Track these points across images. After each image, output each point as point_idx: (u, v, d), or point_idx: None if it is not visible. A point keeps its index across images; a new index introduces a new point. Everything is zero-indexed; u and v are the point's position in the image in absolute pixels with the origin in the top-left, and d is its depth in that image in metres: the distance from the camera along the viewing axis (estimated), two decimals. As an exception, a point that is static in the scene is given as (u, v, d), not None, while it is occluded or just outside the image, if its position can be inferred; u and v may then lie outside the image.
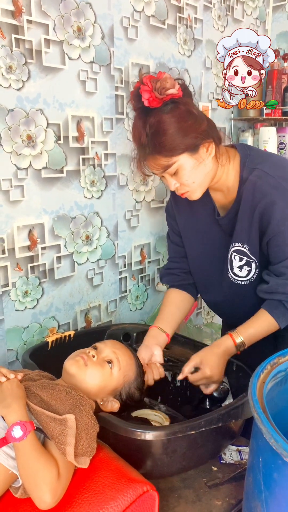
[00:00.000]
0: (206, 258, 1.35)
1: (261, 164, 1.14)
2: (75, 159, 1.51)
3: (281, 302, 1.16)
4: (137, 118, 1.09)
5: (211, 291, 1.40)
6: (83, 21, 1.45)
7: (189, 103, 1.08)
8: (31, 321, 1.48)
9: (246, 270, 1.23)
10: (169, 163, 1.09)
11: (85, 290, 1.65)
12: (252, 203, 1.14)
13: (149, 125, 1.06)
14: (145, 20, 1.68)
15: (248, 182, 1.14)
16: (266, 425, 0.71)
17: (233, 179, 1.18)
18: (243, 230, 1.19)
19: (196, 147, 1.09)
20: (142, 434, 0.92)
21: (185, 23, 1.86)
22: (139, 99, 1.06)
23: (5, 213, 1.34)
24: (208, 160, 1.12)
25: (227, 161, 1.17)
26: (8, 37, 1.26)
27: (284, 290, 1.15)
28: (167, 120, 1.05)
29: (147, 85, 1.04)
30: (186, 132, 1.06)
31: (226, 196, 1.23)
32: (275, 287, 1.16)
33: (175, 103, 1.06)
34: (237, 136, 2.29)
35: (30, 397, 0.92)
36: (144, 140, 1.08)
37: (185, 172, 1.11)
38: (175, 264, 1.44)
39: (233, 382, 1.23)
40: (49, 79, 1.39)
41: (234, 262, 1.24)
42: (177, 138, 1.06)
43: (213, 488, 1.04)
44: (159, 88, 1.03)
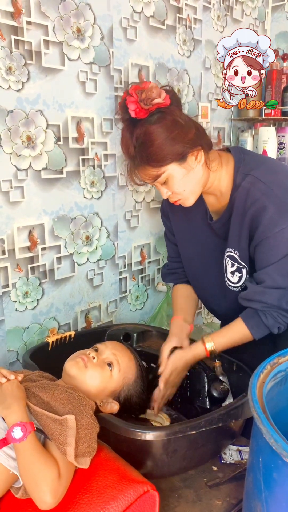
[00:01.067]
0: (200, 261, 1.35)
1: (255, 170, 1.13)
2: (75, 160, 1.51)
3: (256, 311, 1.15)
4: (125, 129, 1.10)
5: (207, 294, 1.41)
6: (82, 22, 1.45)
7: (175, 112, 1.08)
8: (32, 321, 1.48)
9: (237, 276, 1.23)
10: (158, 173, 1.10)
11: (85, 291, 1.65)
12: (243, 209, 1.13)
13: (136, 136, 1.06)
14: (144, 21, 1.68)
15: (241, 188, 1.13)
16: (266, 425, 0.71)
17: (226, 184, 1.18)
18: (235, 236, 1.18)
19: (184, 156, 1.09)
20: (143, 435, 0.92)
21: (185, 24, 1.86)
22: (126, 110, 1.06)
23: (5, 214, 1.34)
24: (197, 167, 1.12)
25: (219, 166, 1.17)
26: (7, 38, 1.27)
27: (261, 298, 1.13)
28: (153, 131, 1.05)
29: (133, 95, 1.04)
30: (173, 142, 1.06)
31: (219, 200, 1.22)
32: (252, 295, 1.15)
33: (161, 112, 1.06)
34: (236, 136, 2.29)
35: (30, 398, 0.92)
36: (132, 151, 1.08)
37: (175, 181, 1.11)
38: (177, 264, 1.46)
39: (233, 382, 1.23)
40: (49, 80, 1.39)
41: (227, 267, 1.24)
42: (164, 149, 1.06)
43: (213, 488, 1.04)
44: (144, 99, 1.04)
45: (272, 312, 1.13)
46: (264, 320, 1.14)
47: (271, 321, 1.14)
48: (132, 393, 1.11)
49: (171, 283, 1.50)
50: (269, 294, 1.11)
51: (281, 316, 1.13)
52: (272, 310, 1.13)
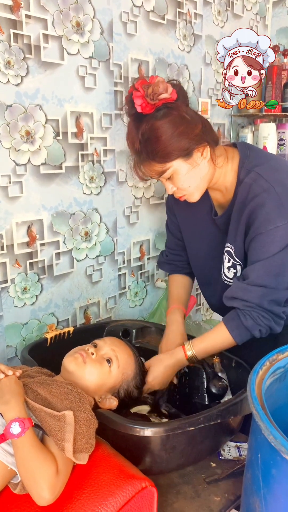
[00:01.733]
0: (204, 256, 1.35)
1: (259, 166, 1.13)
2: (74, 155, 1.50)
3: (237, 313, 1.13)
4: (131, 124, 1.09)
5: (209, 289, 1.41)
6: (82, 16, 1.44)
7: (181, 107, 1.07)
8: (30, 317, 1.47)
9: (233, 272, 1.22)
10: (164, 169, 1.09)
11: (84, 287, 1.64)
12: (243, 204, 1.13)
13: (142, 132, 1.05)
14: (144, 15, 1.67)
15: (244, 184, 1.13)
16: (265, 421, 0.71)
17: (231, 180, 1.17)
18: (232, 231, 1.18)
19: (190, 152, 1.08)
20: (141, 431, 0.92)
21: (185, 18, 1.85)
22: (132, 104, 1.05)
23: (4, 209, 1.34)
24: (203, 163, 1.11)
25: (225, 162, 1.16)
26: (6, 32, 1.26)
27: (243, 295, 1.11)
28: (159, 126, 1.04)
29: (139, 90, 1.03)
30: (179, 138, 1.05)
31: (224, 195, 1.22)
32: (235, 291, 1.13)
33: (167, 108, 1.05)
34: (236, 132, 2.29)
35: (28, 393, 0.92)
36: (138, 146, 1.08)
37: (180, 177, 1.11)
38: (176, 257, 1.47)
39: (232, 378, 1.23)
40: (48, 74, 1.38)
41: (224, 262, 1.24)
42: (170, 144, 1.05)
43: (212, 484, 1.04)
44: (151, 94, 1.03)
45: (252, 312, 1.10)
46: (243, 322, 1.11)
47: (251, 322, 1.11)
48: (131, 389, 1.11)
49: (167, 272, 1.53)
50: (251, 291, 1.09)
51: (261, 317, 1.11)
52: (252, 309, 1.10)
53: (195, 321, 2.09)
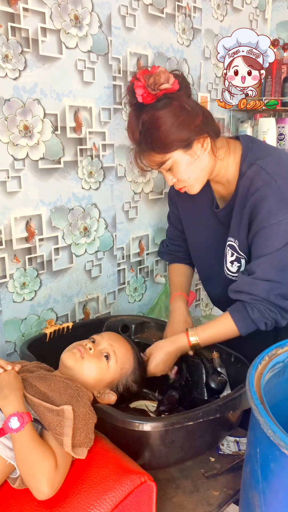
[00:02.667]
0: (205, 249, 1.35)
1: (261, 159, 1.12)
2: (73, 149, 1.50)
3: (244, 305, 1.13)
4: (131, 114, 1.09)
5: (210, 282, 1.41)
6: (80, 9, 1.43)
7: (182, 97, 1.06)
8: (29, 312, 1.47)
9: (236, 266, 1.22)
10: (163, 160, 1.08)
11: (83, 282, 1.64)
12: (245, 198, 1.12)
13: (142, 122, 1.05)
14: (143, 9, 1.66)
15: (246, 177, 1.12)
16: (264, 415, 0.71)
17: (233, 172, 1.17)
18: (235, 225, 1.17)
19: (190, 143, 1.07)
20: (140, 425, 0.92)
21: (184, 12, 1.84)
22: (133, 94, 1.05)
23: (2, 204, 1.33)
24: (203, 155, 1.11)
25: (227, 154, 1.16)
26: (4, 26, 1.25)
27: (249, 289, 1.10)
28: (159, 116, 1.04)
29: (141, 80, 1.03)
30: (179, 128, 1.05)
31: (226, 188, 1.22)
32: (241, 286, 1.13)
33: (168, 98, 1.04)
34: (236, 126, 2.28)
35: (27, 388, 0.92)
36: (138, 137, 1.07)
37: (180, 168, 1.10)
38: (176, 248, 1.48)
39: (231, 373, 1.23)
40: (46, 68, 1.37)
41: (227, 256, 1.23)
42: (169, 135, 1.04)
43: (211, 478, 1.04)
44: (152, 84, 1.02)
45: (259, 305, 1.11)
46: (250, 314, 1.11)
47: (257, 315, 1.11)
48: (130, 384, 1.11)
49: (167, 261, 1.54)
50: (258, 285, 1.09)
51: (268, 311, 1.11)
52: (259, 303, 1.10)
53: (194, 316, 2.10)
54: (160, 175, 1.86)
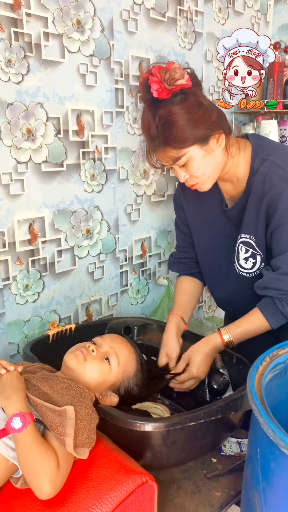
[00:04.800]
0: (214, 249, 1.34)
1: (273, 155, 1.13)
2: (75, 153, 1.51)
3: (273, 300, 1.14)
4: (146, 109, 1.08)
5: (217, 283, 1.40)
6: (82, 14, 1.45)
7: (198, 93, 1.07)
8: (32, 314, 1.48)
9: (251, 262, 1.22)
10: (179, 155, 1.08)
11: (86, 284, 1.65)
12: (261, 194, 1.13)
13: (159, 116, 1.04)
14: (145, 13, 1.67)
15: (259, 173, 1.13)
16: (264, 416, 0.71)
17: (243, 170, 1.17)
18: (251, 221, 1.18)
19: (206, 139, 1.07)
20: (142, 426, 0.92)
21: (186, 16, 1.85)
22: (148, 90, 1.04)
23: (6, 207, 1.34)
24: (218, 151, 1.11)
25: (237, 151, 1.16)
26: (7, 31, 1.26)
27: (277, 285, 1.11)
28: (177, 111, 1.03)
29: (156, 76, 1.02)
30: (196, 124, 1.05)
31: (235, 187, 1.22)
32: (268, 282, 1.13)
33: (184, 94, 1.04)
34: (238, 129, 2.28)
35: (30, 389, 0.93)
36: (154, 132, 1.06)
37: (195, 163, 1.10)
38: (184, 254, 1.45)
39: (233, 374, 1.23)
40: (49, 72, 1.38)
41: (240, 254, 1.23)
42: (187, 130, 1.04)
43: (212, 479, 1.04)
44: (168, 79, 1.02)
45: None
46: (280, 308, 1.13)
47: (287, 309, 1.13)
48: (132, 386, 1.12)
49: (177, 272, 1.50)
50: (285, 281, 1.11)
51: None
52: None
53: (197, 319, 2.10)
54: (162, 177, 1.87)
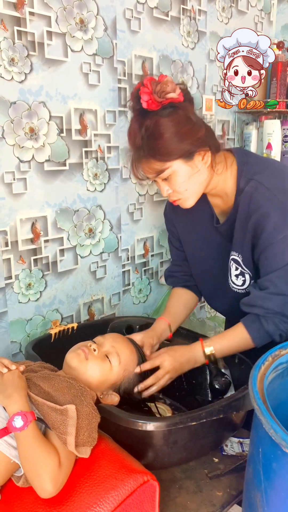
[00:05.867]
0: (208, 264, 1.34)
1: (258, 174, 1.12)
2: (78, 152, 1.51)
3: (258, 317, 1.13)
4: (134, 119, 1.08)
5: (214, 296, 1.40)
6: (85, 13, 1.44)
7: (188, 108, 1.06)
8: (35, 313, 1.48)
9: (241, 280, 1.21)
10: (163, 168, 1.08)
11: (88, 283, 1.65)
12: (247, 214, 1.12)
13: (145, 127, 1.05)
14: (148, 12, 1.67)
15: (245, 193, 1.12)
16: (266, 415, 0.71)
17: (231, 187, 1.16)
18: (238, 240, 1.17)
19: (191, 154, 1.07)
20: (143, 425, 0.92)
21: (189, 15, 1.85)
22: (138, 100, 1.05)
23: (8, 206, 1.34)
24: (202, 168, 1.10)
25: (224, 169, 1.15)
26: (10, 30, 1.26)
27: (263, 304, 1.10)
28: (164, 124, 1.03)
29: (147, 87, 1.03)
30: (182, 138, 1.04)
31: (225, 201, 1.21)
32: (254, 300, 1.12)
33: (174, 107, 1.04)
34: (241, 129, 2.28)
35: (31, 388, 0.93)
36: (139, 142, 1.07)
37: (178, 179, 1.09)
38: (178, 268, 1.45)
39: (235, 374, 1.23)
40: (52, 71, 1.38)
41: (231, 270, 1.23)
42: (172, 143, 1.04)
43: (214, 479, 1.04)
44: (159, 91, 1.02)
45: (274, 319, 1.11)
46: (265, 326, 1.12)
47: (272, 327, 1.11)
48: (133, 386, 1.12)
49: (170, 285, 1.50)
50: (272, 300, 1.10)
51: (283, 323, 1.11)
52: (274, 316, 1.11)
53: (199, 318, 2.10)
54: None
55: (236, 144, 2.27)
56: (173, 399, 1.34)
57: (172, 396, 1.34)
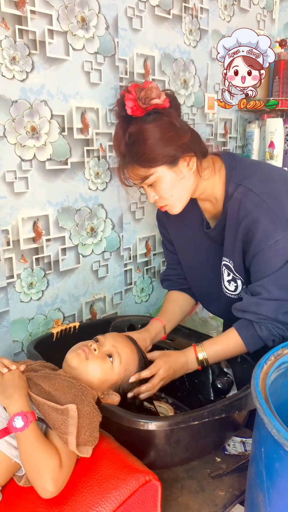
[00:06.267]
0: (200, 269, 1.33)
1: (247, 179, 1.11)
2: (80, 150, 1.50)
3: (251, 322, 1.12)
4: (118, 126, 1.09)
5: (208, 300, 1.40)
6: (87, 11, 1.44)
7: (173, 114, 1.06)
8: (36, 312, 1.48)
9: (233, 285, 1.21)
10: (147, 174, 1.07)
11: (90, 282, 1.65)
12: (236, 220, 1.11)
13: (129, 133, 1.05)
14: (150, 10, 1.66)
15: (234, 199, 1.11)
16: (268, 415, 0.70)
17: (220, 192, 1.16)
18: (229, 246, 1.16)
19: (175, 160, 1.07)
20: (145, 424, 0.92)
21: (191, 13, 1.84)
22: (123, 107, 1.05)
23: (10, 205, 1.34)
24: (188, 174, 1.10)
25: (212, 174, 1.15)
26: (11, 28, 1.26)
27: (256, 309, 1.10)
28: (147, 129, 1.04)
29: (132, 93, 1.03)
30: (166, 144, 1.04)
31: (214, 206, 1.20)
32: (246, 306, 1.12)
33: (158, 113, 1.04)
34: (243, 127, 2.27)
35: (32, 387, 0.92)
36: (123, 148, 1.07)
37: (163, 185, 1.09)
38: (173, 271, 1.46)
39: (237, 374, 1.23)
40: (53, 70, 1.38)
41: (224, 275, 1.22)
42: (156, 149, 1.04)
43: (216, 479, 1.04)
44: (143, 97, 1.02)
45: (267, 324, 1.10)
46: (258, 332, 1.11)
47: (266, 333, 1.11)
48: (134, 385, 1.11)
49: (166, 288, 1.50)
50: (265, 305, 1.09)
51: (276, 328, 1.10)
52: (267, 321, 1.10)
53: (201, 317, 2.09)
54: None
55: (238, 143, 2.27)
56: (176, 398, 1.33)
57: (175, 395, 1.33)
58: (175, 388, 1.31)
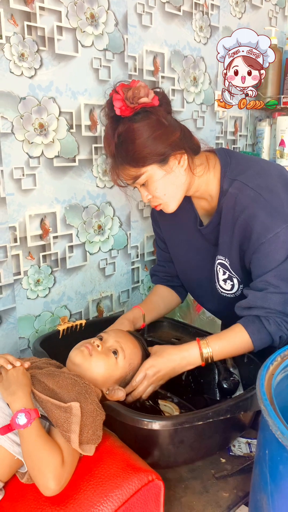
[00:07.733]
0: (193, 267, 1.32)
1: (242, 174, 1.09)
2: (88, 148, 1.50)
3: (258, 317, 1.08)
4: (108, 126, 1.08)
5: (203, 298, 1.39)
6: (96, 7, 1.43)
7: (161, 113, 1.05)
8: (43, 309, 1.48)
9: (230, 284, 1.19)
10: (138, 174, 1.07)
11: (97, 280, 1.64)
12: (232, 217, 1.10)
13: (118, 134, 1.04)
14: (160, 7, 1.65)
15: (229, 194, 1.10)
16: (273, 417, 0.69)
17: (215, 188, 1.15)
18: (224, 244, 1.15)
19: (165, 158, 1.06)
20: (149, 424, 0.92)
21: (201, 10, 1.82)
22: (111, 107, 1.05)
23: (17, 202, 1.34)
24: (179, 171, 1.09)
25: (206, 171, 1.13)
26: (20, 25, 1.25)
27: (263, 303, 1.06)
28: (136, 129, 1.03)
29: (119, 93, 1.03)
30: (154, 142, 1.03)
31: (210, 204, 1.19)
32: (253, 301, 1.08)
33: (146, 112, 1.03)
34: (254, 125, 2.25)
35: (35, 385, 0.92)
36: (113, 149, 1.06)
37: (155, 184, 1.08)
38: (161, 268, 1.47)
39: (244, 374, 1.22)
40: (62, 66, 1.37)
41: (219, 275, 1.21)
42: (145, 148, 1.03)
43: (221, 479, 1.03)
44: (130, 97, 1.02)
45: (275, 318, 1.07)
46: (266, 326, 1.07)
47: (274, 327, 1.07)
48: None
49: (153, 283, 1.50)
50: (272, 299, 1.06)
51: (284, 323, 1.08)
52: (276, 315, 1.07)
53: (209, 316, 2.08)
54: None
55: (248, 141, 2.25)
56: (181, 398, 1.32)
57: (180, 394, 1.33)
58: (181, 387, 1.30)
